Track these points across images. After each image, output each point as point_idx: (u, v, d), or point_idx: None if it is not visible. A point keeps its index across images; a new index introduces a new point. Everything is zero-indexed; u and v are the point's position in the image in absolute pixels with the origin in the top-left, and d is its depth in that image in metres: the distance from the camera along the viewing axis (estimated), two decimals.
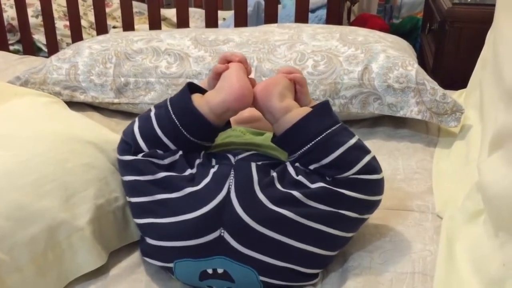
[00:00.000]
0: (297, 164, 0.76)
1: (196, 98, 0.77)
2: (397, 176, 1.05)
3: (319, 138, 0.74)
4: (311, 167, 0.75)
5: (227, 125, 0.81)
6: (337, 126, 0.76)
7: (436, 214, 0.91)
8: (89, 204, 0.80)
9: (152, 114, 0.79)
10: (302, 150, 0.74)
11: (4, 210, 0.73)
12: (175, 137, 0.77)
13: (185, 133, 0.77)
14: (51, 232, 0.75)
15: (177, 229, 0.72)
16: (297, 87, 0.83)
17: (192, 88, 0.80)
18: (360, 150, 0.76)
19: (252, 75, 1.02)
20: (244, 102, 0.76)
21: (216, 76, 0.82)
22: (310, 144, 0.74)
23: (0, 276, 0.69)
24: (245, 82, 0.77)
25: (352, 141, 0.75)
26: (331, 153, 0.73)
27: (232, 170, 0.73)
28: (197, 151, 0.79)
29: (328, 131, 0.74)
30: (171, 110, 0.77)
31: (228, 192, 0.71)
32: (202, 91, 0.81)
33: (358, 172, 0.74)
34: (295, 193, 0.72)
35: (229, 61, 0.82)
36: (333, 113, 0.79)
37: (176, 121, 0.76)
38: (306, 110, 0.76)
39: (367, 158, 0.75)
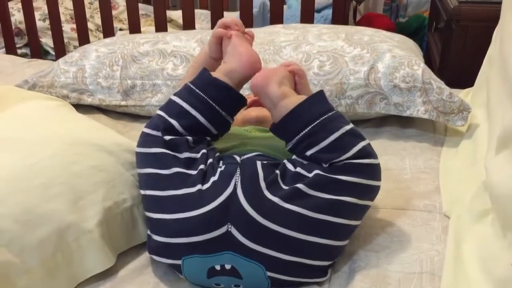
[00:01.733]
0: (294, 157, 0.79)
1: (213, 73, 0.83)
2: (404, 175, 1.05)
3: (315, 123, 0.76)
4: (308, 153, 0.77)
5: (243, 100, 0.84)
6: (333, 112, 0.78)
7: (444, 214, 0.91)
8: (97, 206, 0.81)
9: (174, 97, 0.82)
10: (299, 135, 0.77)
11: (13, 213, 0.73)
12: (201, 108, 0.80)
13: (209, 101, 0.80)
14: (59, 234, 0.76)
15: (185, 225, 0.73)
16: (296, 79, 0.87)
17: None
18: (355, 136, 0.78)
19: None
20: (256, 67, 0.83)
21: (217, 40, 0.91)
22: (307, 129, 0.76)
23: (10, 279, 0.70)
24: (251, 50, 0.86)
25: (348, 127, 0.77)
26: (326, 137, 0.75)
27: (238, 167, 0.74)
28: (220, 131, 0.84)
29: (324, 117, 0.77)
30: (194, 87, 0.81)
31: (235, 188, 0.72)
32: None
33: (352, 157, 0.75)
34: (299, 185, 0.73)
35: (227, 27, 0.90)
36: (328, 101, 0.82)
37: (201, 93, 0.80)
38: (302, 97, 0.80)
39: (362, 144, 0.77)
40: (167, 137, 0.79)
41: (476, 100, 1.26)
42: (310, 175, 0.74)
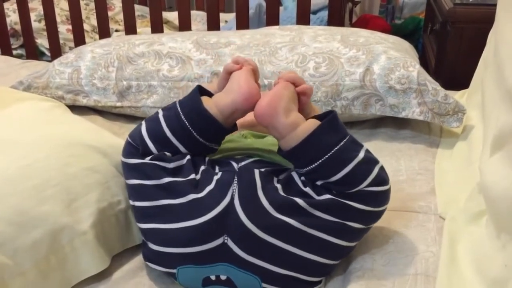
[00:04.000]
0: (302, 178, 0.76)
1: (205, 100, 0.78)
2: (399, 177, 1.05)
3: (327, 156, 0.71)
4: (318, 183, 0.74)
5: (234, 127, 0.81)
6: (344, 140, 0.73)
7: (439, 215, 0.91)
8: (91, 208, 0.81)
9: (161, 115, 0.79)
10: (310, 167, 0.73)
11: (6, 215, 0.73)
12: (184, 138, 0.77)
13: (194, 133, 0.76)
14: (53, 236, 0.75)
15: (180, 235, 0.72)
16: (303, 98, 0.79)
17: (201, 91, 0.80)
18: (368, 163, 0.74)
19: None
20: (252, 102, 0.75)
21: (227, 76, 0.82)
22: (318, 162, 0.72)
23: (4, 281, 0.70)
24: (253, 84, 0.78)
25: (361, 155, 0.73)
26: (339, 170, 0.72)
27: (236, 177, 0.73)
28: (203, 155, 0.80)
29: (336, 148, 0.72)
30: (180, 112, 0.77)
31: (232, 199, 0.71)
32: (210, 94, 0.81)
33: (367, 186, 0.73)
34: (299, 200, 0.71)
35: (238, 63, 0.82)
36: (340, 125, 0.75)
37: (186, 122, 0.76)
38: (313, 124, 0.73)
39: (375, 171, 0.74)
40: (147, 158, 0.77)
41: (471, 101, 1.27)
42: (319, 198, 0.72)
